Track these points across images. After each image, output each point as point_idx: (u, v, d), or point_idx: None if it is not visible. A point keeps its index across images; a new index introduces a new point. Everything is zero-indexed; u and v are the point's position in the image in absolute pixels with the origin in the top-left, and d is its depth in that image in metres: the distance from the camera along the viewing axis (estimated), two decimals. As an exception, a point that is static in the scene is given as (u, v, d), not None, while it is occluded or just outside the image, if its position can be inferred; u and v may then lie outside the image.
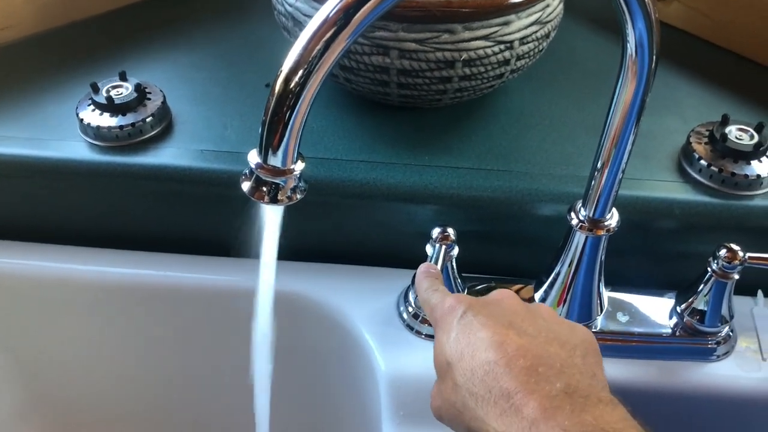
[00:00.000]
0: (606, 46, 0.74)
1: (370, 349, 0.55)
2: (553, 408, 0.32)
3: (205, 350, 0.66)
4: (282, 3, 0.58)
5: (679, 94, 0.66)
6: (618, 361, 0.54)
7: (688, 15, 0.74)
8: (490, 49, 0.54)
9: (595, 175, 0.46)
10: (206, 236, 0.62)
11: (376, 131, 0.60)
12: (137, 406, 0.72)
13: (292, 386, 0.66)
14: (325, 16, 0.32)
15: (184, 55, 0.70)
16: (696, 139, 0.58)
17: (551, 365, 0.34)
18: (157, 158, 0.57)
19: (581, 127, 0.61)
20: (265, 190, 0.35)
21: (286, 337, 0.49)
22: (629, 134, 0.43)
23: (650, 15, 0.36)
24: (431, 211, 0.57)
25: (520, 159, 0.58)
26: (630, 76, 0.40)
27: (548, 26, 0.57)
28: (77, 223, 0.62)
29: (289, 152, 0.34)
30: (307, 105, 0.33)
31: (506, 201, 0.55)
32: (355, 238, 0.60)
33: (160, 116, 0.59)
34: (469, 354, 0.36)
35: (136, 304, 0.62)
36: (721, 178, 0.55)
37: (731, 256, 0.50)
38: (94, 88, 0.59)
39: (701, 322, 0.53)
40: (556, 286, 0.54)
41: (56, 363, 0.69)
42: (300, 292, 0.59)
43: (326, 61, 0.32)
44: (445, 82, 0.55)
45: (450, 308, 0.40)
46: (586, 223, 0.49)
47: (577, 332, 0.39)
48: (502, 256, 0.60)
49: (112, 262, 0.61)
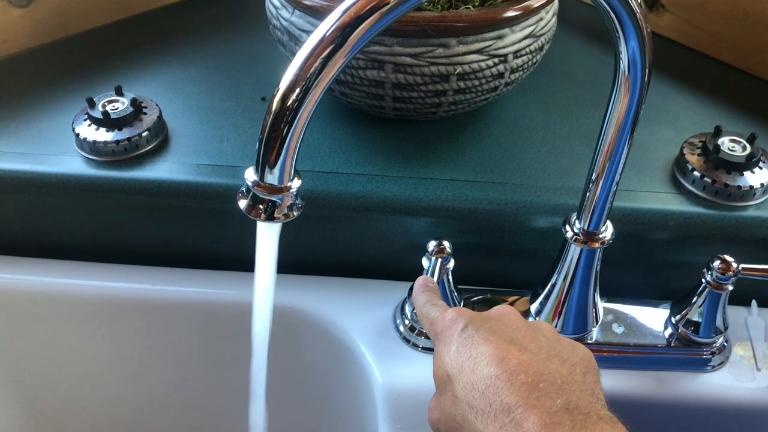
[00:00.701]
0: (599, 58, 0.74)
1: (367, 362, 0.55)
2: (553, 424, 0.32)
3: (201, 364, 0.66)
4: (277, 18, 0.58)
5: (672, 105, 0.67)
6: (613, 372, 0.54)
7: (680, 26, 0.75)
8: (485, 62, 0.54)
9: (590, 187, 0.46)
10: (202, 250, 0.62)
11: (372, 144, 0.61)
12: (134, 419, 0.72)
13: (288, 399, 0.66)
14: (323, 34, 0.32)
15: (179, 69, 0.70)
16: (689, 150, 0.58)
17: (552, 381, 0.35)
18: (153, 173, 0.57)
19: (575, 139, 0.62)
20: (261, 207, 0.35)
21: (282, 350, 0.49)
22: (623, 147, 0.43)
23: (643, 33, 0.36)
24: (427, 224, 0.57)
25: (514, 171, 0.58)
26: (623, 90, 0.40)
27: (542, 39, 0.58)
28: (73, 237, 0.62)
29: (286, 170, 0.34)
30: (304, 123, 0.33)
31: (501, 213, 0.56)
32: (351, 250, 0.61)
33: (156, 130, 0.60)
34: (470, 367, 0.37)
35: (133, 318, 0.62)
36: (714, 189, 0.56)
37: (725, 267, 0.50)
38: (90, 103, 0.59)
39: (696, 333, 0.53)
40: (551, 298, 0.54)
41: (52, 377, 0.68)
42: (296, 305, 0.59)
43: (323, 78, 0.32)
44: (439, 95, 0.56)
45: (451, 321, 0.40)
46: (581, 235, 0.49)
47: (577, 350, 0.40)
48: (497, 268, 0.60)
49: (108, 276, 0.61)
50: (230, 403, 0.69)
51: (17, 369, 0.68)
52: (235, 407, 0.68)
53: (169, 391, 0.69)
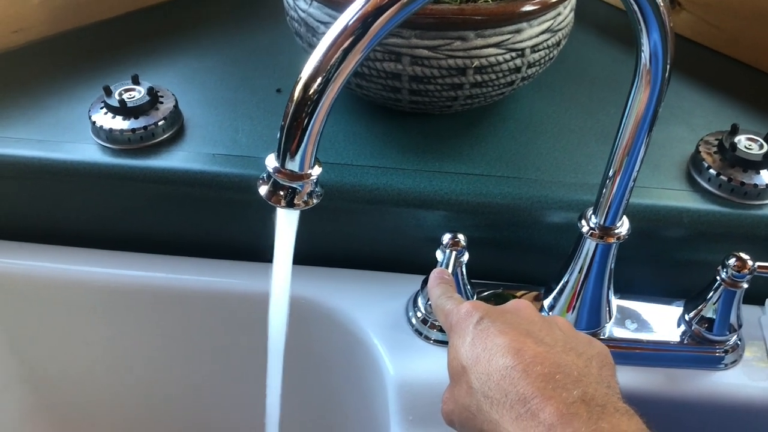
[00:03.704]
0: (614, 55, 0.74)
1: (379, 354, 0.55)
2: (570, 414, 0.32)
3: (214, 353, 0.66)
4: (295, 9, 0.58)
5: (688, 103, 0.67)
6: (626, 369, 0.54)
7: (696, 25, 0.75)
8: (502, 56, 0.54)
9: (607, 183, 0.46)
10: (217, 239, 0.62)
11: (386, 137, 0.61)
12: (146, 408, 0.72)
13: (300, 390, 0.66)
14: (344, 24, 0.32)
15: (195, 59, 0.70)
16: (705, 148, 0.58)
17: (568, 373, 0.35)
18: (168, 161, 0.57)
19: (591, 135, 0.62)
20: (282, 194, 0.35)
21: (294, 341, 0.49)
22: (641, 143, 0.43)
23: (665, 26, 0.36)
24: (440, 217, 0.57)
25: (529, 166, 0.58)
26: (644, 85, 0.40)
27: (559, 34, 0.58)
28: (88, 225, 0.62)
29: (307, 157, 0.34)
30: (326, 112, 0.33)
31: (515, 208, 0.56)
32: (364, 243, 0.61)
33: (172, 120, 0.60)
34: (485, 358, 0.37)
35: (146, 306, 0.62)
36: (730, 187, 0.55)
37: (741, 265, 0.50)
38: (106, 91, 0.59)
39: (709, 331, 0.53)
40: (565, 293, 0.54)
41: (65, 366, 0.69)
42: (309, 296, 0.59)
43: (344, 69, 0.32)
44: (456, 88, 0.56)
45: (466, 314, 0.40)
46: (596, 230, 0.49)
47: (593, 345, 0.40)
48: (510, 262, 0.60)
49: (123, 264, 0.61)
50: (242, 393, 0.69)
51: (29, 357, 0.68)
52: (247, 397, 0.69)
53: (181, 380, 0.69)
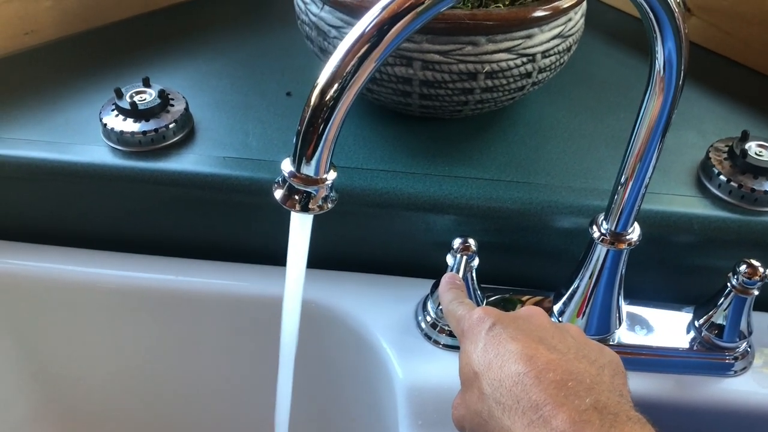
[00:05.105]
0: (623, 61, 0.74)
1: (388, 358, 0.55)
2: (582, 422, 0.32)
3: (224, 356, 0.66)
4: (306, 13, 0.58)
5: (698, 109, 0.67)
6: (635, 375, 0.54)
7: (706, 31, 0.75)
8: (513, 61, 0.54)
9: (618, 189, 0.46)
10: (227, 242, 0.62)
11: (397, 141, 0.61)
12: (156, 411, 0.72)
13: (309, 393, 0.66)
14: (361, 32, 0.32)
15: (206, 62, 0.70)
16: (715, 154, 0.58)
17: (581, 381, 0.35)
18: (179, 164, 0.58)
19: (600, 140, 0.62)
20: (297, 198, 0.36)
21: (303, 345, 0.49)
22: (654, 150, 0.43)
23: (680, 33, 0.36)
24: (450, 222, 0.57)
25: (539, 171, 0.58)
26: (657, 92, 0.40)
27: (570, 40, 0.58)
28: (98, 226, 0.63)
29: (322, 162, 0.34)
30: (342, 117, 0.33)
31: (525, 212, 0.56)
32: (374, 246, 0.61)
33: (183, 122, 0.60)
34: (497, 365, 0.37)
35: (156, 309, 0.62)
36: (740, 193, 0.55)
37: (752, 271, 0.50)
38: (117, 94, 0.60)
39: (719, 337, 0.53)
40: (575, 298, 0.54)
41: (73, 368, 0.69)
42: (317, 299, 0.59)
43: (360, 76, 0.33)
44: (466, 93, 0.56)
45: (478, 320, 0.40)
46: (608, 236, 0.49)
47: (605, 353, 0.40)
48: (520, 267, 0.60)
49: (132, 266, 0.62)
50: (252, 396, 0.69)
51: (38, 359, 0.68)
52: (256, 399, 0.69)
53: (190, 383, 0.69)
